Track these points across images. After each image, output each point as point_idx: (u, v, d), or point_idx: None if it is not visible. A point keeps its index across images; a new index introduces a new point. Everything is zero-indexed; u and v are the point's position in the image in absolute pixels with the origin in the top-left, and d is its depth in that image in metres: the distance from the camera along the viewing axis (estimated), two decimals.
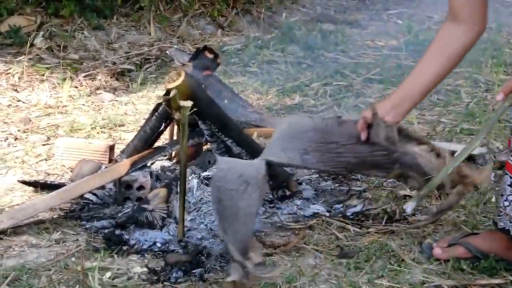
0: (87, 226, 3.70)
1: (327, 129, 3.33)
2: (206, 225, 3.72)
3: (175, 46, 6.59)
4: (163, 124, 4.12)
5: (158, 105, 4.10)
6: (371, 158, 3.26)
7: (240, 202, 2.98)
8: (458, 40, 3.12)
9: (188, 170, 3.76)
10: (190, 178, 3.89)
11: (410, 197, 4.06)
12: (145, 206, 3.67)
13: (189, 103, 3.47)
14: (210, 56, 3.99)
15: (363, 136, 3.22)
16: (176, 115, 3.52)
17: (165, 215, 3.67)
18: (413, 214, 3.85)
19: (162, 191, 3.77)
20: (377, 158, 3.26)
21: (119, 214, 3.72)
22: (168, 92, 3.66)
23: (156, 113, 4.10)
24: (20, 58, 6.31)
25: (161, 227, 3.64)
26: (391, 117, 3.19)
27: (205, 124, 3.91)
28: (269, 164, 3.26)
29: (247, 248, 2.93)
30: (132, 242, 3.53)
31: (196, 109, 3.55)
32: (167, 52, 6.21)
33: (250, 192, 3.00)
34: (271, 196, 4.01)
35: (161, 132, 4.17)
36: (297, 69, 6.55)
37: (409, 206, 3.15)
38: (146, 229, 3.62)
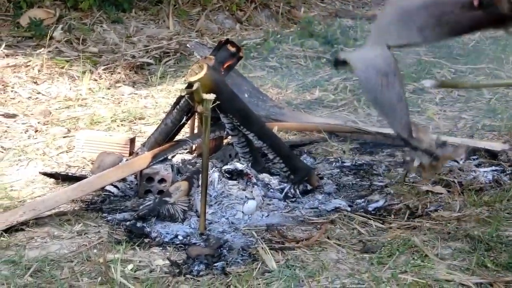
0: (109, 218, 3.70)
1: (438, 2, 3.41)
2: (227, 218, 3.71)
3: (195, 40, 6.58)
4: (184, 117, 4.11)
5: (180, 98, 4.08)
6: (488, 17, 3.31)
7: (388, 94, 3.23)
8: None
9: (209, 163, 3.75)
10: (211, 171, 3.87)
11: (432, 192, 4.05)
12: (167, 199, 3.67)
13: (212, 96, 3.45)
14: (233, 49, 3.97)
15: (476, 2, 3.22)
16: (199, 108, 3.51)
17: (186, 208, 3.66)
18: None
19: (184, 184, 3.76)
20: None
21: (141, 207, 3.71)
22: (190, 85, 3.65)
23: (178, 106, 4.09)
24: (40, 50, 6.33)
25: (183, 220, 3.63)
26: None
27: (227, 117, 3.90)
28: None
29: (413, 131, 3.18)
30: (153, 234, 3.52)
31: (218, 102, 3.54)
32: (187, 45, 6.20)
33: (392, 82, 3.24)
34: (292, 191, 3.99)
35: (182, 125, 4.17)
36: (317, 64, 6.52)
37: (428, 82, 3.15)
38: (168, 222, 3.62)
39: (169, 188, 3.77)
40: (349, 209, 3.87)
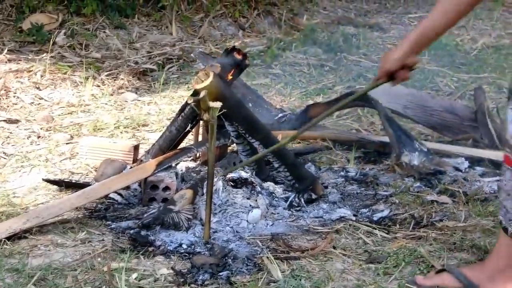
0: (113, 226, 3.67)
1: (422, 98, 5.08)
2: (232, 227, 3.68)
3: (200, 49, 6.57)
4: (189, 124, 4.09)
5: (185, 105, 4.06)
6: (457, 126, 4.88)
7: None
8: None
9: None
10: (215, 179, 3.84)
11: (437, 202, 4.03)
12: (171, 207, 3.64)
13: (218, 104, 3.43)
14: (239, 57, 3.95)
15: None
16: (205, 116, 3.48)
17: (191, 217, 3.63)
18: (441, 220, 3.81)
19: (188, 192, 3.74)
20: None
21: (145, 215, 3.69)
22: (195, 92, 3.62)
23: (182, 114, 4.07)
24: (42, 56, 6.32)
25: (187, 228, 3.60)
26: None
27: (232, 125, 3.88)
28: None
29: None
30: (158, 243, 3.49)
31: (224, 110, 3.52)
32: (191, 54, 6.20)
33: None
34: (297, 200, 3.97)
35: (187, 133, 4.15)
36: (320, 71, 6.51)
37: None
38: (172, 230, 3.59)
39: (174, 196, 3.75)
40: (354, 218, 3.85)
